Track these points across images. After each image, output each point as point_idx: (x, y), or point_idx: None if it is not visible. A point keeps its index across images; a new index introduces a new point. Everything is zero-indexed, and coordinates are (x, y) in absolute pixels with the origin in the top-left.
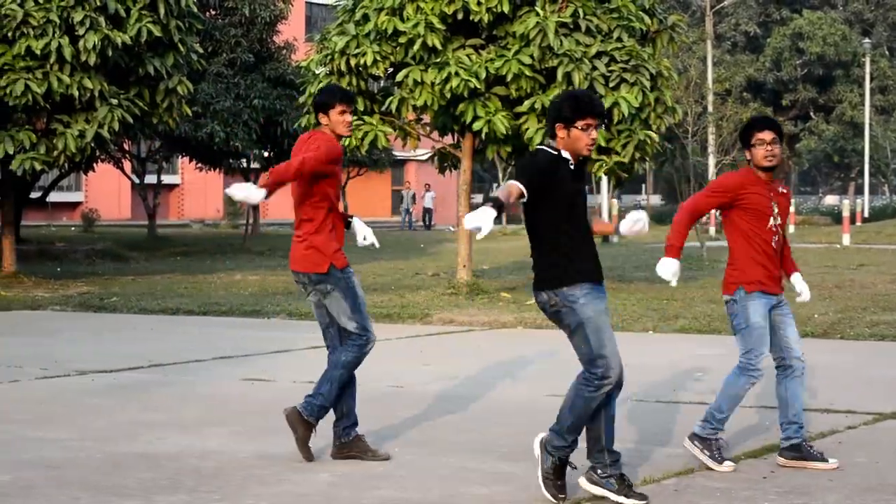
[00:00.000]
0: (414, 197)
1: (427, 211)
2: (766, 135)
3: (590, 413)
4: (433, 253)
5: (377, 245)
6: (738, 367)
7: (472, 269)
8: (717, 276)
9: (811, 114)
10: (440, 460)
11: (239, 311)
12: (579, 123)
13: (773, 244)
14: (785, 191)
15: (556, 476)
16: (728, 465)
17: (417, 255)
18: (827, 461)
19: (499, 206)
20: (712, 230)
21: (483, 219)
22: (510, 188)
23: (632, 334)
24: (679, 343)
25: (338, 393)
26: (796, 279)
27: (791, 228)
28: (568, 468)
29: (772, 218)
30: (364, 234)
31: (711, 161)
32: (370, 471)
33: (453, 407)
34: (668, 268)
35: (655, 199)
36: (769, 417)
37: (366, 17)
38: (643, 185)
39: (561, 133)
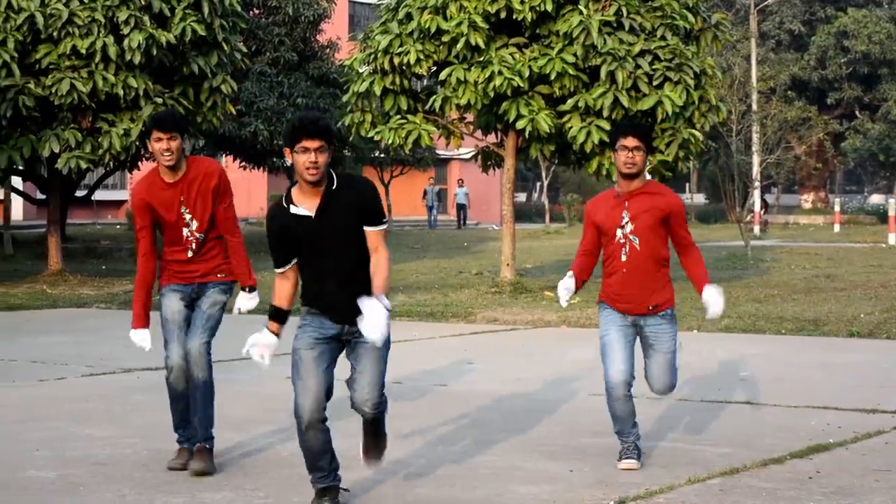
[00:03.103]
0: (440, 193)
1: (460, 207)
2: (630, 141)
3: None
4: (476, 252)
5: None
6: None
7: (516, 267)
8: (761, 276)
9: (856, 112)
10: (484, 459)
11: None
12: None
13: (622, 257)
14: (666, 196)
15: None
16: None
17: (461, 254)
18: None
19: None
20: (757, 229)
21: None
22: None
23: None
24: (724, 342)
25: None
26: (706, 293)
27: (836, 228)
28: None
29: (619, 230)
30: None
31: (755, 160)
32: (414, 469)
33: (497, 406)
34: (564, 285)
35: (699, 198)
36: (814, 417)
37: (409, 16)
38: (687, 184)
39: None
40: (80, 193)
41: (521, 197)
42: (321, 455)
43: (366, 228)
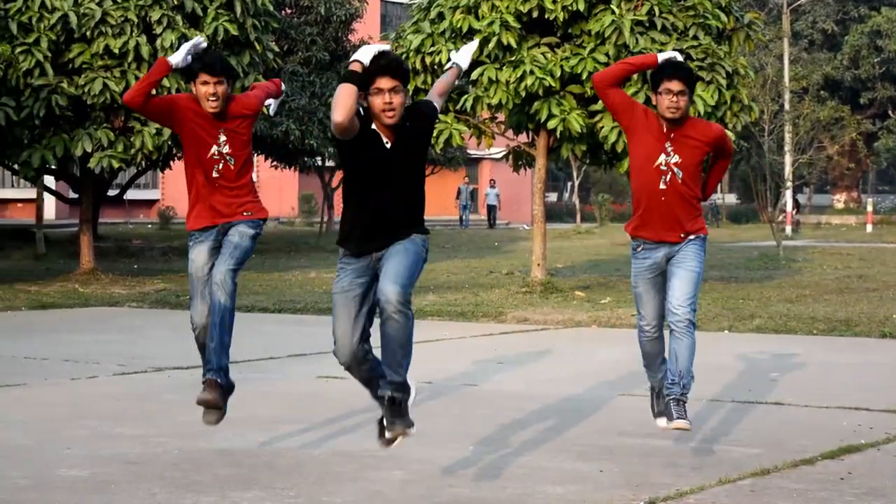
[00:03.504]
0: (473, 192)
1: (490, 208)
2: (675, 84)
3: None
4: (507, 251)
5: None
6: None
7: (547, 267)
8: (792, 276)
9: (889, 112)
10: (514, 459)
11: (314, 308)
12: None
13: (660, 185)
14: (715, 130)
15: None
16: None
17: (491, 254)
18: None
19: None
20: (788, 229)
21: None
22: None
23: (707, 334)
24: (755, 343)
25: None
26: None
27: (868, 228)
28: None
29: (663, 155)
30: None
31: (788, 160)
32: (445, 469)
33: (528, 405)
34: None
35: (731, 198)
36: (846, 418)
37: (441, 16)
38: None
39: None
40: (112, 193)
41: (552, 197)
42: (369, 382)
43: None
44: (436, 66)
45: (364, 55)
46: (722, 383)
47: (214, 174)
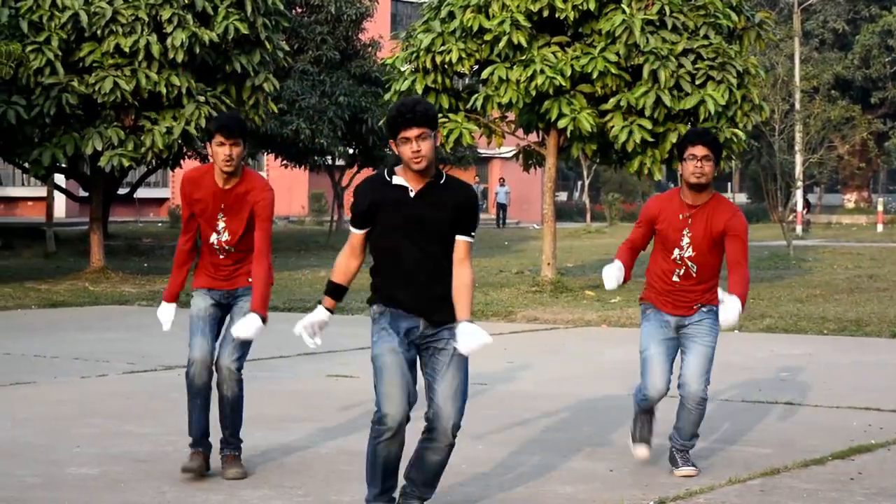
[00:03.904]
0: (485, 192)
1: (501, 207)
2: (699, 150)
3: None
4: (517, 250)
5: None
6: None
7: (557, 266)
8: (803, 276)
9: None
10: (524, 458)
11: None
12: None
13: (673, 277)
14: (726, 215)
15: None
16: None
17: (502, 253)
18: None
19: None
20: (799, 229)
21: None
22: None
23: None
24: (765, 342)
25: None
26: (728, 300)
27: (879, 227)
28: None
29: (677, 250)
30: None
31: (798, 159)
32: (454, 468)
33: (537, 405)
34: (612, 272)
35: (742, 198)
36: (856, 418)
37: (451, 15)
38: (729, 184)
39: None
40: (122, 191)
41: (562, 196)
42: (394, 468)
43: (457, 237)
44: (446, 66)
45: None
46: (732, 383)
47: (220, 255)
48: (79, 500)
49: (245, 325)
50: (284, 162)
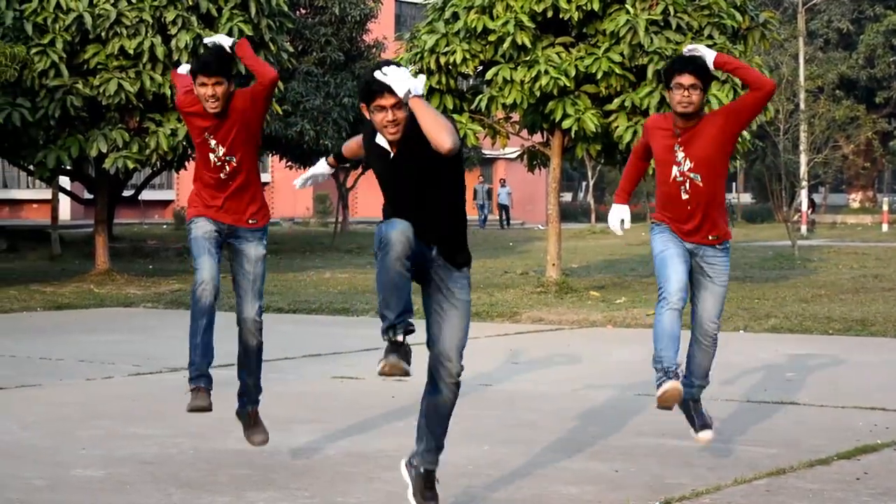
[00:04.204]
0: (489, 192)
1: (503, 208)
2: (686, 78)
3: None
4: (522, 251)
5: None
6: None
7: (562, 267)
8: (808, 276)
9: None
10: (530, 459)
11: (328, 308)
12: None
13: (682, 195)
14: (719, 116)
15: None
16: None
17: (506, 254)
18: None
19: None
20: (804, 229)
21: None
22: None
23: (723, 333)
24: (770, 342)
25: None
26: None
27: (884, 227)
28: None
29: (675, 167)
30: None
31: (803, 159)
32: (460, 468)
33: (542, 405)
34: (615, 214)
35: (746, 198)
36: (862, 418)
37: (455, 16)
38: (734, 184)
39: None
40: (127, 193)
41: (567, 196)
42: (401, 291)
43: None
44: (450, 67)
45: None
46: (737, 383)
47: (222, 175)
48: (84, 503)
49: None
50: (289, 163)
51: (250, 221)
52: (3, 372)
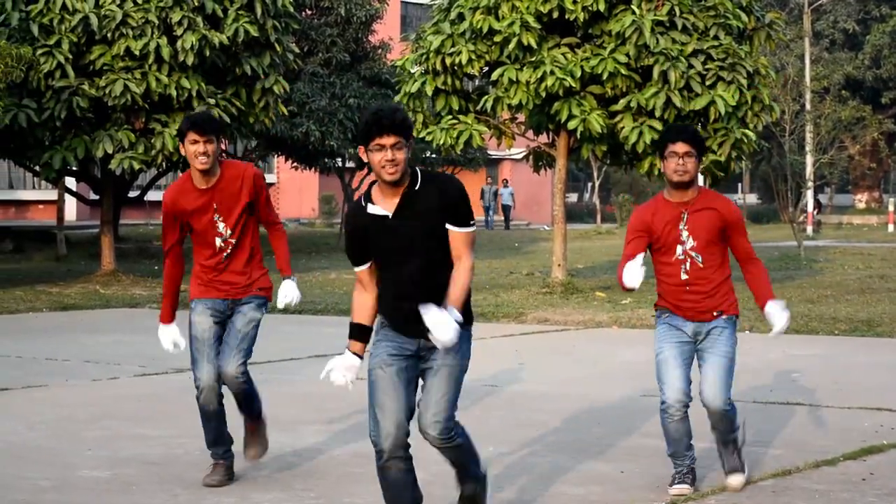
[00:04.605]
0: (496, 193)
1: (505, 208)
2: (679, 146)
3: None
4: (528, 252)
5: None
6: None
7: (567, 268)
8: (814, 276)
9: None
10: (535, 459)
11: (334, 309)
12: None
13: (682, 275)
14: (721, 209)
15: None
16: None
17: (512, 254)
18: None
19: None
20: (809, 229)
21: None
22: None
23: None
24: (776, 343)
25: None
26: (769, 307)
27: (890, 228)
28: None
29: (679, 246)
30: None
31: (809, 160)
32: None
33: (548, 406)
34: (631, 272)
35: (752, 198)
36: (868, 418)
37: (461, 17)
38: (739, 185)
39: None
40: (132, 194)
41: (573, 197)
42: (402, 493)
43: (450, 228)
44: (455, 67)
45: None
46: (743, 384)
47: (223, 259)
48: (90, 503)
49: (285, 293)
50: (294, 164)
51: (255, 289)
52: (10, 372)
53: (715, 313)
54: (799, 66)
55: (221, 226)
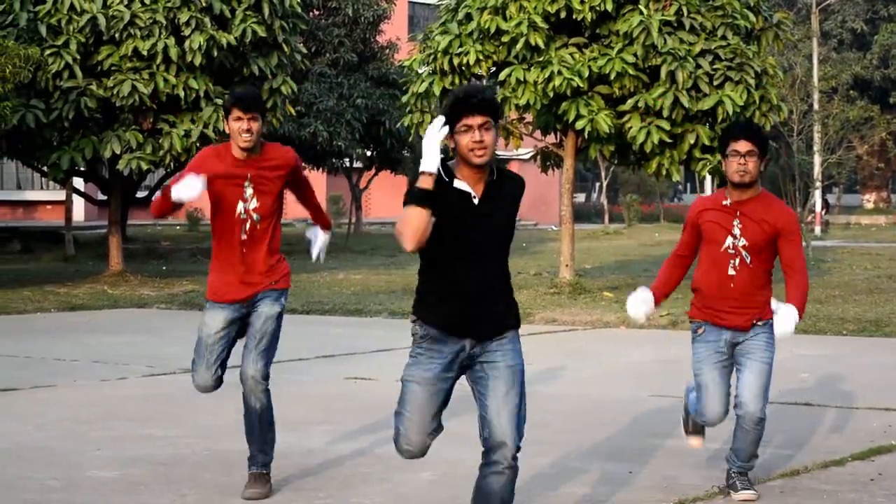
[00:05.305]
0: None
1: None
2: (742, 145)
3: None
4: (535, 252)
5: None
6: None
7: (575, 268)
8: (821, 276)
9: None
10: (543, 460)
11: (342, 309)
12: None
13: (729, 270)
14: (780, 215)
15: None
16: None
17: (519, 254)
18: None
19: None
20: (818, 229)
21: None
22: None
23: None
24: (784, 343)
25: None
26: (782, 309)
27: None
28: None
29: (730, 237)
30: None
31: (817, 160)
32: (471, 470)
33: (556, 407)
34: (638, 299)
35: None
36: (876, 418)
37: (468, 17)
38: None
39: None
40: (140, 194)
41: (580, 197)
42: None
43: None
44: (463, 68)
45: (431, 158)
46: None
47: (243, 236)
48: (98, 503)
49: (318, 243)
50: (302, 164)
51: (273, 283)
52: (18, 373)
53: (753, 321)
54: (807, 66)
55: (249, 191)
